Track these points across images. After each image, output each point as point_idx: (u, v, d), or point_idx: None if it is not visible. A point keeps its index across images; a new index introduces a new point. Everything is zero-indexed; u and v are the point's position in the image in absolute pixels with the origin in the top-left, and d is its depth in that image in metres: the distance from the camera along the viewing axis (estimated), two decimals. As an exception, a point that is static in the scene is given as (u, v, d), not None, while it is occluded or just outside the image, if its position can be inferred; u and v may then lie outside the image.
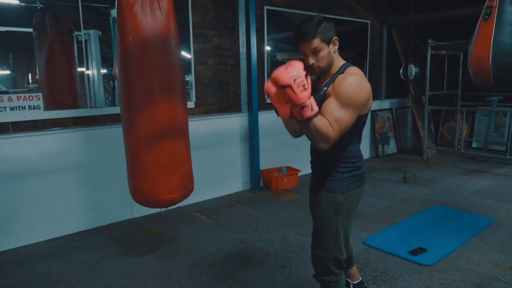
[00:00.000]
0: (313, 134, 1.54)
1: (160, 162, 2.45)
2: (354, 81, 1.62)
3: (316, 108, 1.50)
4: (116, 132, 3.35)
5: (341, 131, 1.58)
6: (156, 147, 2.43)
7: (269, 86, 1.58)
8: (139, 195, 2.55)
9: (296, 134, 1.86)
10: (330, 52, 1.67)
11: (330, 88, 1.65)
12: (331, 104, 1.59)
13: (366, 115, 1.74)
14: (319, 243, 1.85)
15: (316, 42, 1.62)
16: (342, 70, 1.70)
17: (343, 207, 1.77)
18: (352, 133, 1.70)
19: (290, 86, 1.46)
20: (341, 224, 1.79)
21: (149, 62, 2.35)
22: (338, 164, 1.76)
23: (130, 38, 2.29)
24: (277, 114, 1.72)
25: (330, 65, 1.70)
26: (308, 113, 1.48)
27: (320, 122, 1.52)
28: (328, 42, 1.65)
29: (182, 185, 2.58)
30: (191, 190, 2.69)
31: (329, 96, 1.63)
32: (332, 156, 1.75)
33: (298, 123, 1.62)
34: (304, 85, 1.47)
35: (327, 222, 1.80)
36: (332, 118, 1.56)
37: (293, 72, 1.47)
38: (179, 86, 2.54)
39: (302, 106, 1.47)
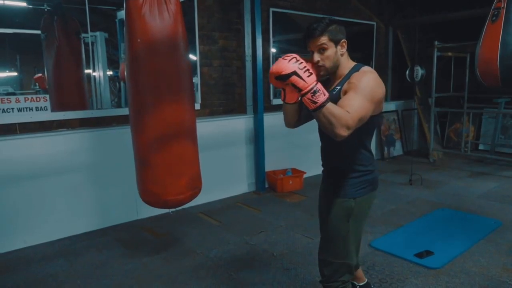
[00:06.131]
0: (330, 121, 1.43)
1: (169, 163, 2.46)
2: (371, 77, 1.60)
3: (327, 93, 1.46)
4: (122, 134, 3.37)
5: (359, 118, 1.48)
6: (165, 149, 2.45)
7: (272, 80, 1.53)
8: (148, 196, 2.57)
9: (293, 123, 1.84)
10: (336, 53, 1.64)
11: (345, 86, 1.61)
12: (349, 95, 1.53)
13: (379, 116, 1.72)
14: (329, 248, 1.82)
15: (324, 39, 1.60)
16: (356, 69, 1.67)
17: (354, 213, 1.75)
18: (364, 133, 1.68)
19: (295, 72, 1.42)
20: (352, 230, 1.77)
21: (157, 64, 2.37)
22: (351, 168, 1.73)
23: (139, 40, 2.31)
24: (284, 98, 1.69)
25: (335, 66, 1.67)
26: (321, 98, 1.42)
27: (335, 107, 1.45)
28: (336, 42, 1.63)
29: (190, 186, 2.59)
30: (199, 191, 2.72)
31: (345, 94, 1.59)
32: (344, 159, 1.73)
33: (310, 112, 1.52)
34: (308, 70, 1.44)
35: (338, 227, 1.77)
36: (348, 103, 1.49)
37: (293, 60, 1.45)
38: (187, 88, 2.56)
39: (314, 92, 1.42)
